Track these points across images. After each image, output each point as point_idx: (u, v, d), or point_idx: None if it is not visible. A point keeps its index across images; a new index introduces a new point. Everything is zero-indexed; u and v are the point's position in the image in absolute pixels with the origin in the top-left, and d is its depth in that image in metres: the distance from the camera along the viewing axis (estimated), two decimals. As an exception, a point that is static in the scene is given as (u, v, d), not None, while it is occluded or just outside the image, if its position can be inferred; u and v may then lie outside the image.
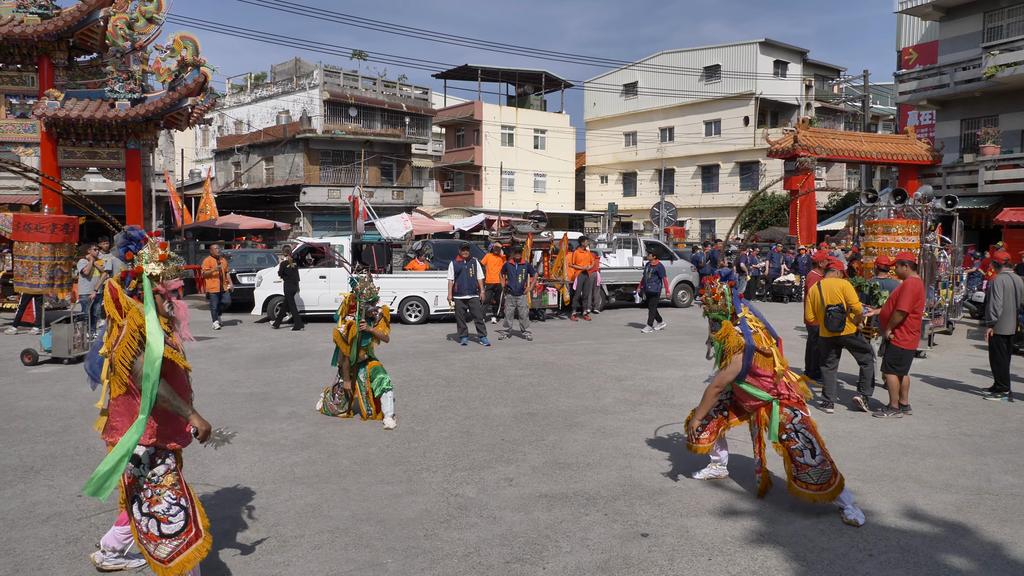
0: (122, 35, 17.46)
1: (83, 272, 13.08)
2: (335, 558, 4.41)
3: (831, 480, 5.07)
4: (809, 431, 5.23)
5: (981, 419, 7.89)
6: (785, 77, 42.38)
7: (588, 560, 4.39)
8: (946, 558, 4.46)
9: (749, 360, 5.31)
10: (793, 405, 5.31)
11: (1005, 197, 23.26)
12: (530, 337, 13.54)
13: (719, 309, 5.45)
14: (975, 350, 12.44)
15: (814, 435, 5.23)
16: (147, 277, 3.83)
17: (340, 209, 35.85)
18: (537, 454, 6.47)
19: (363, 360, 7.66)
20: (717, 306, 5.45)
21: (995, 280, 9.04)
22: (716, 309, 5.47)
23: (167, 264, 3.91)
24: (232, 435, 4.26)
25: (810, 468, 5.10)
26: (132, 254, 3.91)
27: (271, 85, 42.09)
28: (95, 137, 17.63)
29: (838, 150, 26.00)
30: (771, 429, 5.25)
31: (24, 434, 7.00)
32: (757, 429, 5.47)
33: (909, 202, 12.53)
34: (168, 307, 3.93)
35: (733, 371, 5.34)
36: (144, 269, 3.85)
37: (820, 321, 8.30)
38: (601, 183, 50.41)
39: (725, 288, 5.44)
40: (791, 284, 21.75)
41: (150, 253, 3.90)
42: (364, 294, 7.59)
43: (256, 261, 20.15)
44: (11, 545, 4.53)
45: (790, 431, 5.22)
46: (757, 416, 5.44)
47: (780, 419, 5.25)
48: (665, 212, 29.13)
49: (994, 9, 24.37)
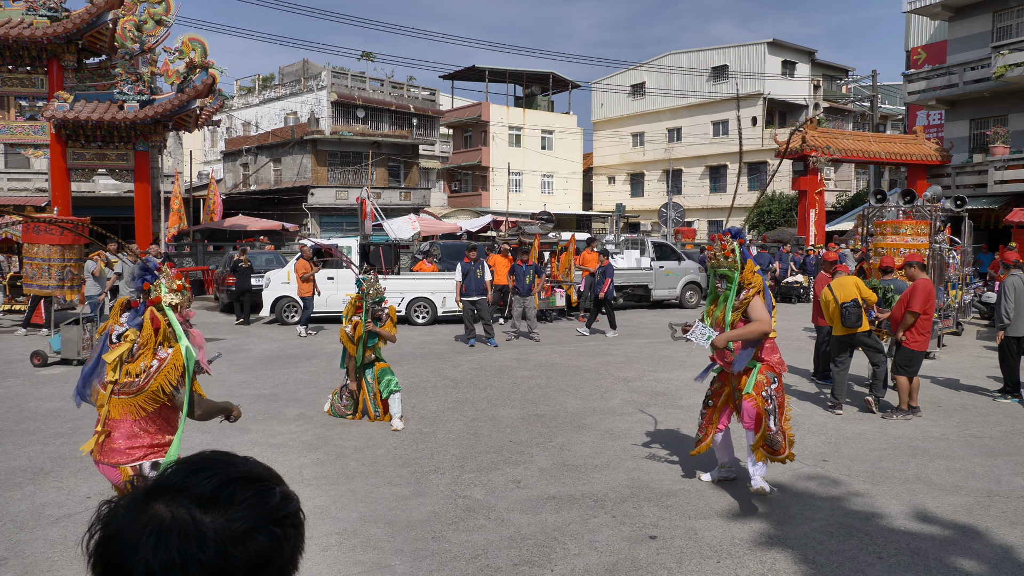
0: (131, 37, 17.55)
1: (93, 274, 13.15)
2: (343, 560, 4.41)
3: (783, 448, 5.32)
4: (778, 401, 5.34)
5: (991, 421, 7.84)
6: (793, 77, 42.23)
7: (596, 562, 4.38)
8: (956, 561, 4.43)
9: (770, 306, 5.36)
10: (773, 371, 5.36)
11: (1015, 197, 23.11)
12: (538, 338, 13.53)
13: (728, 265, 5.26)
14: (985, 351, 12.36)
15: (780, 405, 5.35)
16: (168, 307, 3.94)
17: (348, 210, 35.91)
18: (545, 456, 6.46)
19: (370, 361, 7.66)
20: (727, 262, 5.26)
21: (1006, 282, 8.96)
22: (725, 265, 5.28)
23: (183, 294, 4.04)
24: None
25: (771, 432, 5.25)
26: (149, 284, 4.02)
27: (279, 87, 42.19)
28: (104, 139, 17.73)
29: (847, 150, 25.89)
30: (747, 384, 5.30)
31: (34, 435, 7.04)
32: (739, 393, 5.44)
33: (918, 202, 12.47)
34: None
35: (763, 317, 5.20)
36: (163, 299, 3.95)
37: (836, 320, 8.29)
38: (609, 184, 50.33)
39: (735, 244, 5.26)
40: (799, 285, 21.67)
41: (167, 283, 4.01)
42: (371, 294, 7.59)
43: (265, 262, 20.20)
44: (20, 547, 4.55)
45: (765, 396, 5.28)
46: (740, 382, 5.45)
47: (759, 378, 5.29)
48: (673, 213, 29.08)
49: (1003, 8, 24.22)
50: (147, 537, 0.87)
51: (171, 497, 0.90)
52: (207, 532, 0.87)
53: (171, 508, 0.89)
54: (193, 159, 31.22)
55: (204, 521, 0.88)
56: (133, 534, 0.87)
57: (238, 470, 0.95)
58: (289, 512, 0.95)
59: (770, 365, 5.38)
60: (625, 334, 14.51)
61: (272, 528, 0.91)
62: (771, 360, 5.40)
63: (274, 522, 0.92)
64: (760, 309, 5.27)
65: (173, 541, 0.86)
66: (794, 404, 8.53)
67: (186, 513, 0.88)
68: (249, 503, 0.91)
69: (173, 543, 0.86)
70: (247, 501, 0.91)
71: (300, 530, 0.97)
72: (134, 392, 3.76)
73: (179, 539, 0.86)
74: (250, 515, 0.90)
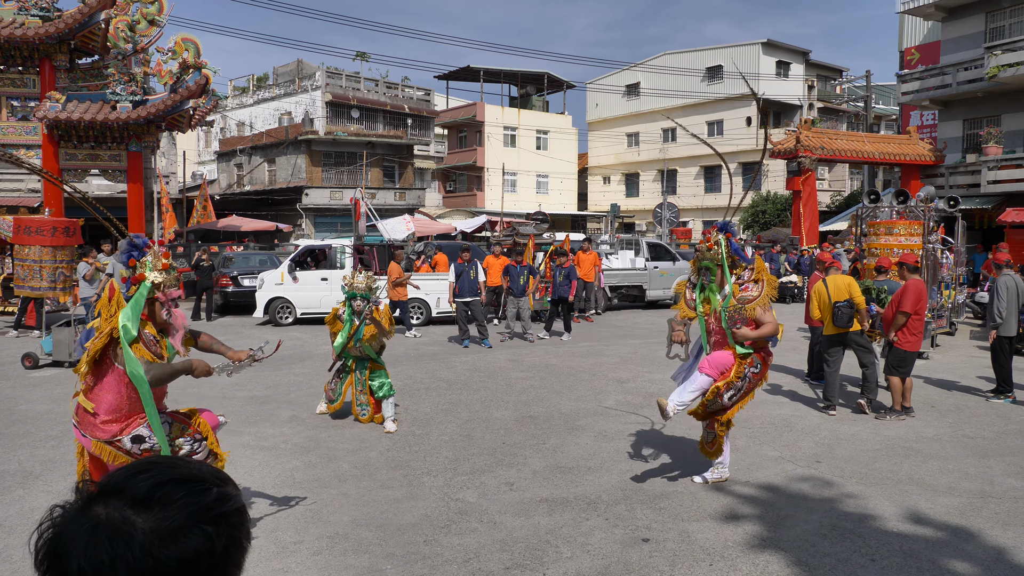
0: (123, 37, 17.46)
1: (84, 277, 13.06)
2: (334, 564, 4.39)
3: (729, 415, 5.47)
4: (748, 387, 5.39)
5: (984, 421, 7.85)
6: (787, 78, 42.29)
7: (589, 566, 4.36)
8: (949, 562, 4.43)
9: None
10: (759, 358, 5.40)
11: (1008, 197, 23.16)
12: (532, 339, 13.51)
13: (711, 257, 5.36)
14: (978, 351, 12.38)
15: (747, 392, 5.42)
16: (149, 284, 3.93)
17: (342, 211, 35.82)
18: (538, 458, 6.44)
19: (362, 357, 7.56)
20: (710, 254, 5.36)
21: (998, 282, 8.97)
22: (708, 257, 5.38)
23: (168, 273, 4.01)
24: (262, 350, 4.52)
25: (723, 400, 5.34)
26: (135, 261, 4.00)
27: (273, 87, 42.09)
28: (97, 139, 17.63)
29: (840, 150, 25.94)
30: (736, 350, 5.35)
31: (24, 439, 6.99)
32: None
33: (911, 203, 12.49)
34: (166, 315, 4.00)
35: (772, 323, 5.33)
36: (147, 276, 3.92)
37: (827, 318, 8.29)
38: (604, 184, 50.35)
39: (721, 237, 5.35)
40: (794, 285, 21.70)
41: (152, 261, 3.98)
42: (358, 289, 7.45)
43: (258, 263, 20.14)
44: (8, 552, 4.51)
45: (741, 376, 5.33)
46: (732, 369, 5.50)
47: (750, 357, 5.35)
48: (668, 213, 29.11)
49: (996, 9, 24.29)
50: (82, 536, 0.90)
51: (108, 499, 0.93)
52: (135, 533, 0.89)
53: (107, 509, 0.92)
54: (187, 159, 31.10)
55: (135, 521, 0.90)
56: (71, 534, 0.91)
57: (177, 471, 0.97)
58: (223, 511, 0.96)
59: (762, 355, 5.43)
60: (620, 335, 14.49)
61: (203, 527, 0.92)
62: (764, 351, 5.46)
63: (206, 521, 0.93)
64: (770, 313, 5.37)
65: (103, 542, 0.89)
66: (787, 405, 8.55)
67: (118, 514, 0.91)
68: (182, 502, 0.93)
69: (103, 544, 0.89)
70: (180, 501, 0.93)
71: (237, 530, 0.97)
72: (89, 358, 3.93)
73: (108, 540, 0.89)
74: (180, 514, 0.92)
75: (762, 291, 5.33)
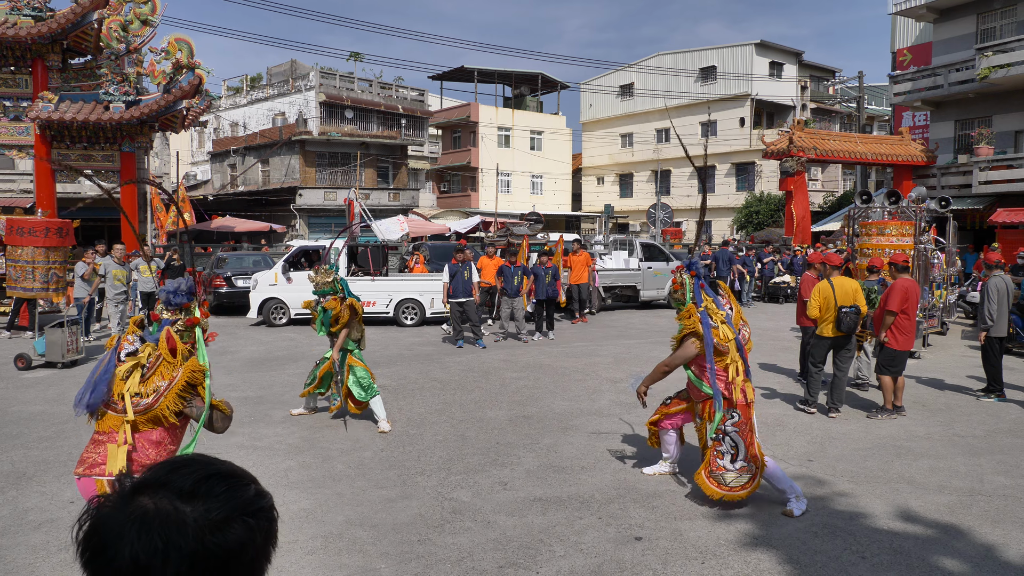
0: (116, 37, 17.42)
1: (83, 277, 13.03)
2: (328, 563, 4.40)
3: (745, 486, 5.25)
4: (741, 435, 5.31)
5: (974, 420, 7.91)
6: (781, 78, 42.43)
7: (582, 564, 4.39)
8: (939, 560, 4.47)
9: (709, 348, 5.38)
10: (735, 407, 5.36)
11: (999, 198, 23.30)
12: (525, 339, 13.54)
13: (677, 298, 5.76)
14: (969, 351, 12.46)
15: (745, 439, 5.31)
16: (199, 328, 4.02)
17: (336, 211, 35.80)
18: (532, 457, 6.47)
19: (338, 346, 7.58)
20: (676, 294, 5.76)
21: (989, 283, 8.99)
22: (675, 297, 5.79)
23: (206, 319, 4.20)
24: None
25: (725, 472, 5.27)
26: (189, 304, 4.09)
27: (267, 87, 42.01)
28: (89, 140, 17.59)
29: (833, 151, 26.04)
30: (711, 426, 5.38)
31: (17, 439, 6.98)
32: (701, 421, 5.57)
33: (903, 203, 12.56)
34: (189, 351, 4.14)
35: (683, 355, 5.56)
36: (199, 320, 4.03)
37: (829, 319, 8.05)
38: (598, 184, 50.41)
39: (685, 278, 5.69)
40: (787, 285, 21.78)
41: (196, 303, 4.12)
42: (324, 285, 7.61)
43: (252, 264, 20.12)
44: (2, 552, 4.51)
45: (719, 432, 5.34)
46: (702, 409, 5.54)
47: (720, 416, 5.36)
48: (661, 213, 29.17)
49: (987, 11, 24.43)
50: (131, 525, 0.94)
51: (154, 491, 0.98)
52: (187, 520, 0.95)
53: (154, 500, 0.97)
54: (180, 160, 31.01)
55: (184, 510, 0.96)
56: (119, 523, 0.95)
57: (216, 467, 1.03)
58: (262, 506, 1.03)
59: (729, 401, 5.35)
60: (613, 335, 14.53)
61: (246, 519, 0.99)
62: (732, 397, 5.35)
63: (248, 514, 1.00)
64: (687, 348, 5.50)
65: (156, 528, 0.94)
66: (779, 405, 8.59)
67: (168, 504, 0.96)
68: (225, 496, 0.99)
69: (156, 530, 0.94)
70: (223, 494, 0.99)
71: (273, 524, 1.04)
72: (143, 410, 3.78)
73: (161, 526, 0.94)
74: (226, 506, 0.98)
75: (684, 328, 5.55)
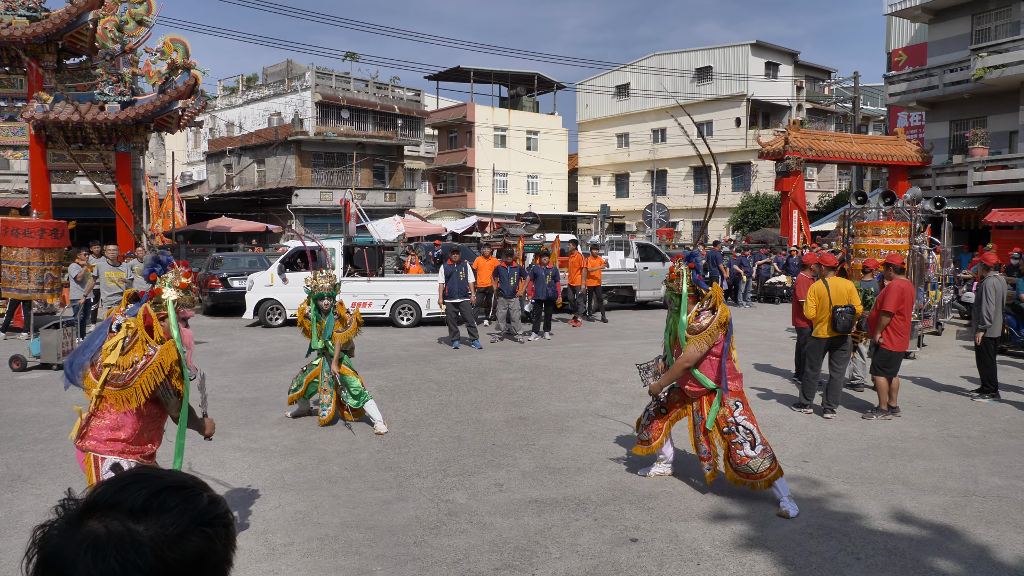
0: (111, 38, 17.39)
1: (76, 278, 12.99)
2: (324, 566, 4.40)
3: (771, 467, 5.27)
4: (749, 421, 5.40)
5: (969, 420, 7.93)
6: (776, 79, 42.49)
7: (577, 566, 4.39)
8: (933, 561, 4.48)
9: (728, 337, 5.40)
10: (736, 397, 5.43)
11: (994, 198, 23.38)
12: (522, 340, 13.54)
13: (672, 287, 5.69)
14: (964, 351, 12.50)
15: (754, 425, 5.41)
16: (171, 303, 3.97)
17: (332, 211, 35.72)
18: (528, 459, 6.47)
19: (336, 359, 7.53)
20: (673, 284, 5.69)
21: (986, 284, 9.00)
22: (671, 288, 5.72)
23: (186, 292, 4.04)
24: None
25: (750, 459, 5.29)
26: (156, 276, 4.02)
27: (263, 87, 41.94)
28: (84, 140, 17.56)
29: (829, 151, 26.11)
30: (708, 417, 5.41)
31: (12, 441, 6.96)
32: (700, 418, 5.55)
33: (898, 203, 12.58)
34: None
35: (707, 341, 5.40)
36: (164, 292, 3.95)
37: (824, 318, 8.05)
38: (594, 184, 50.44)
39: (683, 268, 5.62)
40: (782, 285, 21.82)
41: (173, 279, 4.01)
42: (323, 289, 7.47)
43: (248, 265, 20.09)
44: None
45: (731, 424, 5.37)
46: (700, 405, 5.54)
47: (722, 411, 5.39)
48: (657, 213, 29.21)
49: (982, 12, 24.52)
50: (85, 552, 0.92)
51: (103, 513, 0.96)
52: (142, 540, 0.93)
53: (104, 523, 0.95)
54: (176, 160, 30.93)
55: (138, 530, 0.94)
56: (71, 551, 0.93)
57: (165, 481, 1.02)
58: (218, 513, 1.02)
59: (733, 391, 5.42)
60: (609, 336, 14.54)
61: (204, 529, 0.98)
62: (733, 386, 5.44)
63: (205, 523, 0.99)
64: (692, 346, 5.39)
65: (111, 552, 0.92)
66: (775, 405, 8.60)
67: (120, 525, 0.94)
68: (179, 509, 0.98)
69: (112, 554, 0.92)
70: (177, 507, 0.98)
71: (230, 529, 1.04)
72: (120, 385, 3.78)
73: (116, 549, 0.92)
74: (181, 520, 0.97)
75: (710, 324, 5.40)
